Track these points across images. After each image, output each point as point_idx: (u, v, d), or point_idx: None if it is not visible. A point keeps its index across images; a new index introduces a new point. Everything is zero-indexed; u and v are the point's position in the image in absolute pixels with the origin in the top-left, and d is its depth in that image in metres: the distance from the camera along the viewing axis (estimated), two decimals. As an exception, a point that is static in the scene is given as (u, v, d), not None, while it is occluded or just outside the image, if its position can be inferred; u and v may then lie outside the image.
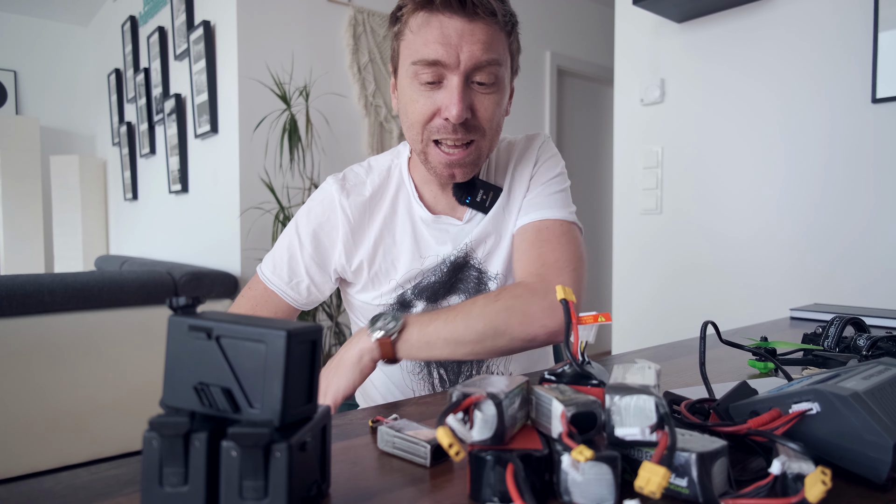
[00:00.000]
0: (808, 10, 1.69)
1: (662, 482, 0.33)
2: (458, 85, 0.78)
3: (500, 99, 0.83)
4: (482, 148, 0.84)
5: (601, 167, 4.42)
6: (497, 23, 0.79)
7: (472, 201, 0.90)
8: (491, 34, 0.79)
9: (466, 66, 0.77)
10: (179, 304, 0.39)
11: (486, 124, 0.82)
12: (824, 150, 1.67)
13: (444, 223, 0.92)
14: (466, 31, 0.77)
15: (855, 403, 0.42)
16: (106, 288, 2.28)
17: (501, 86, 0.82)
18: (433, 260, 0.91)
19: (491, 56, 0.78)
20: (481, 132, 0.82)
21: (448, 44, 0.77)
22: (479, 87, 0.80)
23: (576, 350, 0.47)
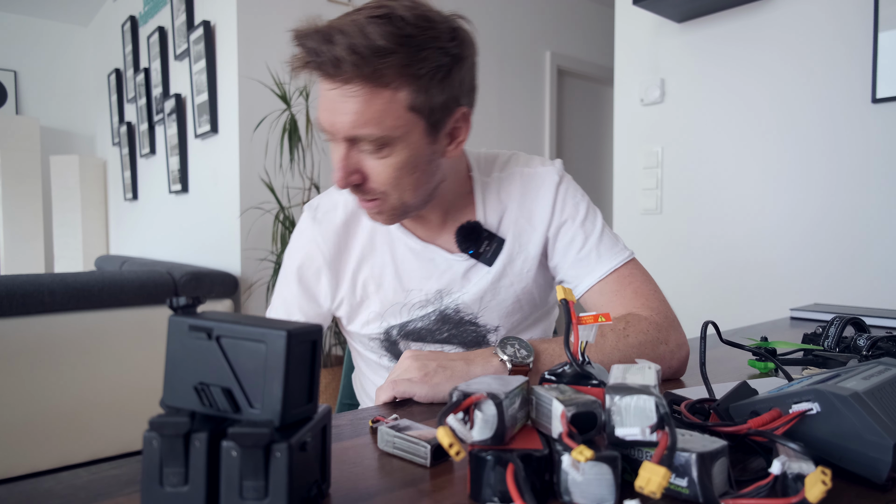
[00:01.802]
0: (808, 10, 1.69)
1: (662, 482, 0.33)
2: (340, 154, 0.72)
3: (397, 163, 0.72)
4: (393, 203, 0.76)
5: (601, 167, 4.42)
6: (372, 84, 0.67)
7: (475, 253, 0.84)
8: (364, 101, 0.67)
9: (342, 137, 0.71)
10: (179, 304, 0.39)
11: (384, 187, 0.74)
12: (824, 150, 1.67)
13: (432, 253, 0.86)
14: (338, 100, 0.69)
15: (855, 403, 0.42)
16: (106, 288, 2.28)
17: (394, 150, 0.71)
18: (417, 296, 0.86)
19: (363, 130, 0.69)
20: (380, 192, 0.74)
21: (326, 110, 0.71)
22: (368, 154, 0.72)
23: (576, 350, 0.47)
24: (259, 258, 2.81)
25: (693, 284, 1.97)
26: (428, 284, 0.86)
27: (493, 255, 0.85)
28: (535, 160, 0.90)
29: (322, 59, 0.66)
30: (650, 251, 2.09)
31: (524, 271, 0.86)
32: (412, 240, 0.86)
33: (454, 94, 0.73)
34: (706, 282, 1.93)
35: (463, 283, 0.86)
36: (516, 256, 0.86)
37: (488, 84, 3.65)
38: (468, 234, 0.84)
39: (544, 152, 3.96)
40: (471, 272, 0.86)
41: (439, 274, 0.86)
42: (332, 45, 0.65)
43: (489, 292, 0.86)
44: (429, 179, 0.77)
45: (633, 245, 2.15)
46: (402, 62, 0.67)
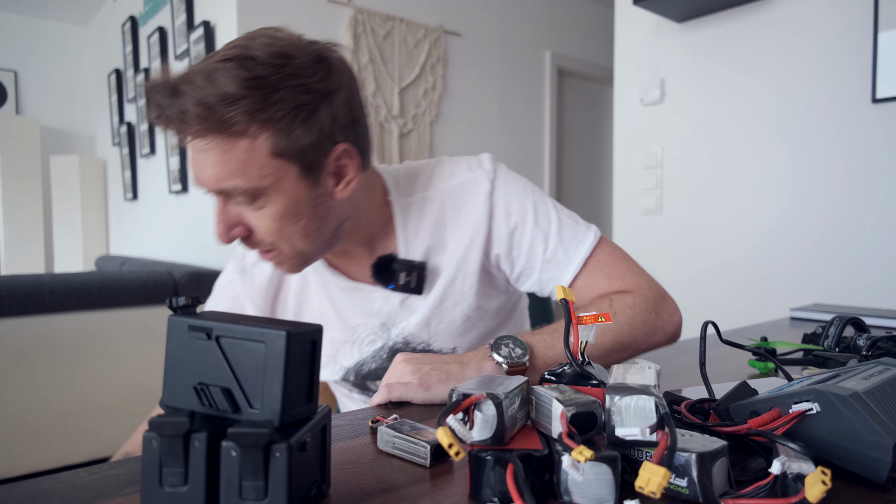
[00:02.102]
0: (809, 11, 1.69)
1: (662, 482, 0.33)
2: (218, 208, 0.68)
3: (275, 213, 0.67)
4: (287, 253, 0.72)
5: (601, 167, 4.42)
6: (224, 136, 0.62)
7: (396, 287, 0.80)
8: (221, 154, 0.63)
9: (214, 193, 0.67)
10: (179, 304, 0.39)
11: (270, 238, 0.69)
12: (824, 150, 1.67)
13: (364, 291, 0.83)
14: (199, 156, 0.65)
15: (855, 403, 0.42)
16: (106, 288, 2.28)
17: (268, 201, 0.66)
18: (364, 330, 0.84)
19: (227, 184, 0.65)
20: (269, 243, 0.71)
21: (192, 164, 0.67)
22: (244, 206, 0.68)
23: (576, 350, 0.47)
24: (259, 258, 2.81)
25: (693, 284, 1.97)
26: (370, 320, 0.84)
27: (419, 282, 0.80)
28: (460, 167, 0.83)
29: (169, 114, 0.62)
30: (650, 251, 2.09)
31: (466, 289, 0.82)
32: (342, 280, 0.83)
33: (326, 132, 0.67)
34: (706, 282, 1.93)
35: (405, 314, 0.83)
36: (456, 276, 0.81)
37: (488, 84, 3.65)
38: (381, 270, 0.80)
39: (544, 152, 3.96)
40: (408, 301, 0.82)
41: (377, 309, 0.83)
42: (178, 97, 0.61)
43: (434, 317, 0.82)
44: (320, 224, 0.72)
45: (632, 245, 2.16)
46: (253, 107, 0.62)
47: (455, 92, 3.51)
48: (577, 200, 4.20)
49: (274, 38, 0.65)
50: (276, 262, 0.74)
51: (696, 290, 1.96)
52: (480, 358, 0.69)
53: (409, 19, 3.27)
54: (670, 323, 0.78)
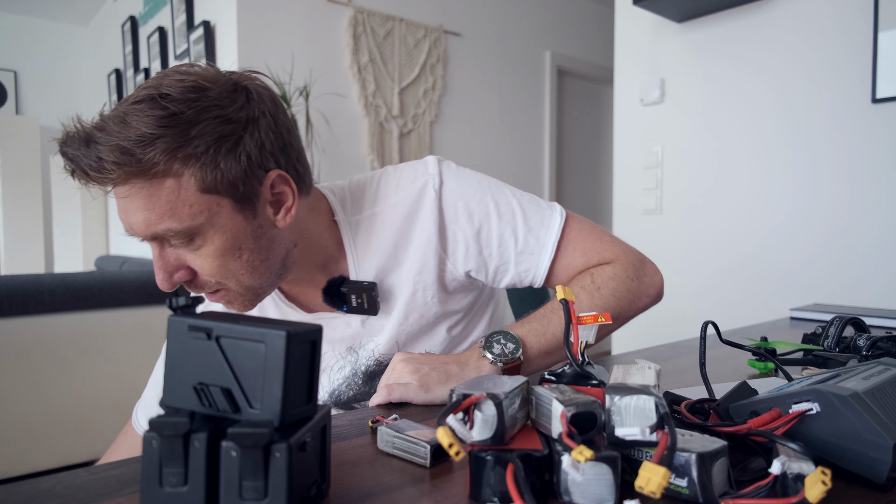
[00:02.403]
0: (808, 11, 1.69)
1: (662, 482, 0.33)
2: (154, 253, 0.65)
3: (214, 251, 0.65)
4: (236, 291, 0.69)
5: (601, 167, 4.42)
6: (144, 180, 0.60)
7: (349, 309, 0.78)
8: (145, 198, 0.61)
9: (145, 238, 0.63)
10: (179, 305, 0.39)
11: (215, 277, 0.67)
12: (824, 151, 1.67)
13: (323, 319, 0.81)
14: (124, 202, 0.62)
15: (855, 403, 0.42)
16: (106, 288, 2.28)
17: (206, 239, 0.64)
18: (331, 358, 0.82)
19: (159, 228, 0.62)
20: (215, 283, 0.68)
21: (120, 214, 0.64)
22: (181, 247, 0.65)
23: (576, 350, 0.47)
24: (259, 258, 2.81)
25: (693, 284, 1.97)
26: (335, 347, 0.82)
27: (371, 303, 0.77)
28: (404, 177, 0.80)
29: (84, 166, 0.59)
30: (650, 251, 2.09)
31: (428, 299, 0.79)
32: (299, 312, 0.81)
33: (255, 160, 0.65)
34: (706, 282, 1.93)
35: (370, 333, 0.81)
36: (415, 290, 0.79)
37: (488, 84, 3.65)
38: (332, 293, 0.77)
39: (544, 152, 3.96)
40: (370, 322, 0.81)
41: (339, 335, 0.81)
42: (92, 146, 0.59)
43: (402, 334, 0.81)
44: (266, 256, 0.69)
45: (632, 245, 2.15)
46: (172, 144, 0.59)
47: (455, 92, 3.51)
48: (577, 200, 4.20)
49: (186, 74, 0.63)
50: (225, 301, 0.70)
51: (696, 289, 1.96)
52: (478, 357, 0.69)
53: (409, 19, 3.27)
54: (652, 285, 0.79)
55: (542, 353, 0.71)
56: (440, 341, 0.84)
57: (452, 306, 0.83)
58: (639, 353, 0.95)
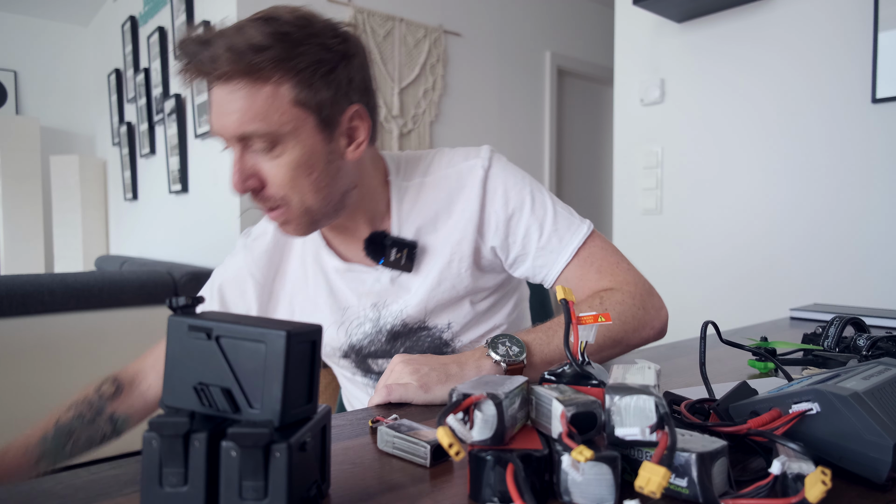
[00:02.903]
0: (808, 11, 1.69)
1: (662, 482, 0.33)
2: (235, 157, 0.71)
3: (291, 162, 0.71)
4: (296, 210, 0.74)
5: (601, 167, 4.42)
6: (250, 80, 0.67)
7: (385, 262, 0.82)
8: (246, 98, 0.68)
9: (232, 140, 0.70)
10: (179, 304, 0.39)
11: (281, 191, 0.72)
12: (824, 150, 1.67)
13: (356, 271, 0.85)
14: (222, 100, 0.69)
15: (855, 403, 0.42)
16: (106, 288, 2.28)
17: (286, 148, 0.70)
18: (354, 313, 0.86)
19: (249, 127, 0.68)
20: (281, 198, 0.73)
21: (214, 113, 0.71)
22: (261, 155, 0.71)
23: (576, 350, 0.47)
24: (259, 258, 2.81)
25: (693, 284, 1.97)
26: (361, 301, 0.86)
27: (409, 260, 0.82)
28: (458, 156, 0.86)
29: (200, 59, 0.67)
30: (650, 251, 2.09)
31: (462, 271, 0.83)
32: (336, 260, 0.86)
33: (343, 90, 0.72)
34: (706, 282, 1.93)
35: (397, 293, 0.84)
36: (451, 258, 0.83)
37: (488, 84, 3.66)
38: (372, 244, 0.82)
39: (544, 152, 3.96)
40: (400, 280, 0.84)
41: (367, 289, 0.85)
42: (209, 46, 0.66)
43: (431, 299, 0.84)
44: (330, 182, 0.75)
45: (632, 245, 2.16)
46: (279, 56, 0.67)
47: (455, 92, 3.51)
48: (577, 200, 4.20)
49: (298, 9, 0.71)
50: (283, 220, 0.75)
51: (696, 290, 1.96)
52: (478, 357, 0.69)
53: (409, 19, 3.27)
54: (658, 318, 0.80)
55: (544, 361, 0.72)
56: (464, 315, 0.87)
57: (483, 283, 0.87)
58: (639, 353, 0.95)
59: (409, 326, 0.86)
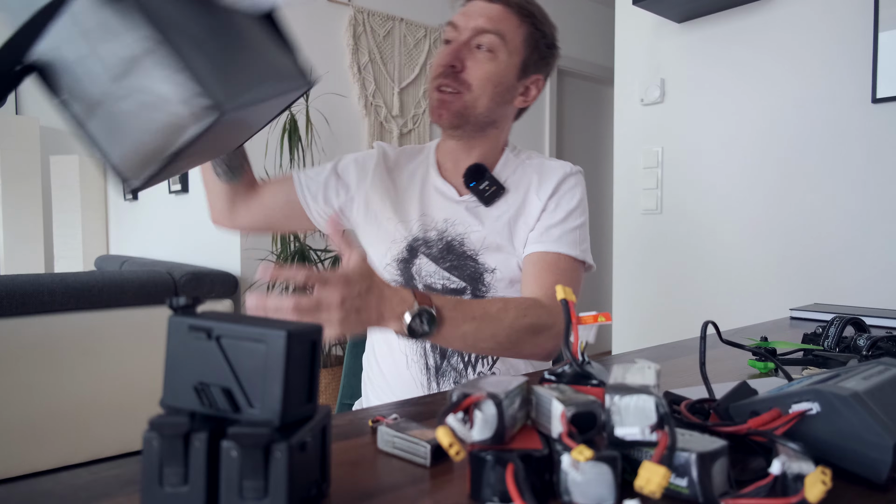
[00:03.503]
0: (809, 11, 1.69)
1: (662, 482, 0.33)
2: (459, 41, 0.95)
3: (495, 68, 0.94)
4: (467, 102, 0.94)
5: (601, 167, 4.42)
6: (513, 10, 0.96)
7: (475, 187, 0.99)
8: (501, 14, 0.95)
9: (471, 29, 0.94)
10: (179, 304, 0.39)
11: (473, 80, 0.94)
12: (824, 150, 1.67)
13: (445, 189, 1.02)
14: (484, 7, 0.96)
15: (855, 403, 0.42)
16: (106, 288, 2.28)
17: (498, 56, 0.95)
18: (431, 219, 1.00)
19: (490, 26, 0.94)
20: (467, 86, 0.94)
21: (466, 13, 0.96)
22: (478, 50, 0.94)
23: (576, 350, 0.47)
24: (259, 258, 2.81)
25: (693, 284, 1.97)
26: (438, 213, 1.01)
27: (491, 197, 0.99)
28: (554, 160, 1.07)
29: None
30: (650, 251, 2.09)
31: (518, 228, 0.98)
32: (438, 179, 1.04)
33: (542, 61, 1.01)
34: (706, 282, 1.93)
35: (468, 219, 0.99)
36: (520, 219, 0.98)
37: (488, 84, 3.65)
38: (474, 171, 1.00)
39: (544, 152, 3.95)
40: (475, 210, 1.00)
41: (448, 206, 1.01)
42: None
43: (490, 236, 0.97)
44: (498, 103, 0.97)
45: (633, 245, 2.16)
46: (534, 14, 0.98)
47: (455, 92, 3.51)
48: (577, 200, 4.19)
49: None
50: (449, 100, 0.95)
51: (696, 289, 1.96)
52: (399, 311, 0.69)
53: (409, 19, 3.27)
54: (544, 348, 0.87)
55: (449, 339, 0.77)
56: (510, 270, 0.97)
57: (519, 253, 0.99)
58: (639, 353, 0.95)
59: (463, 250, 0.98)
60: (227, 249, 2.90)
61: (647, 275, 2.10)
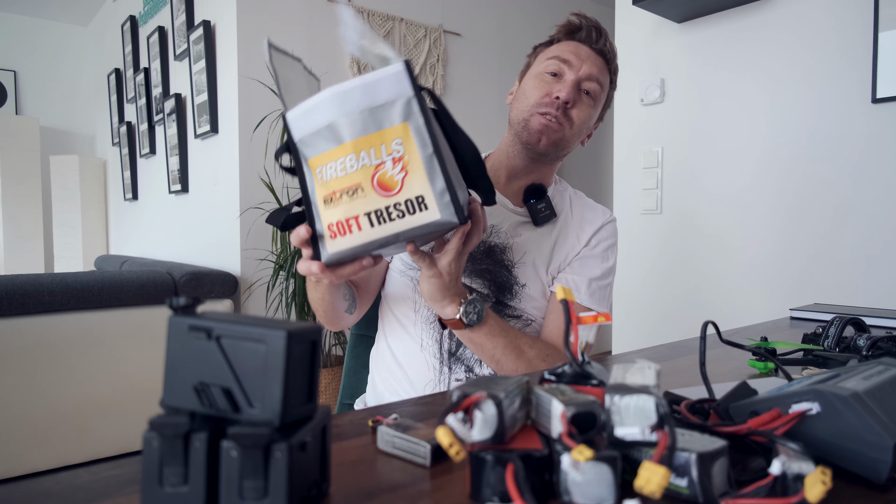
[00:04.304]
0: (809, 11, 1.69)
1: (662, 482, 0.33)
2: (572, 80, 1.01)
3: (591, 112, 1.04)
4: (567, 137, 1.02)
5: (601, 167, 4.42)
6: (609, 63, 1.06)
7: (533, 204, 1.04)
8: (602, 68, 1.04)
9: (584, 73, 1.01)
10: (179, 304, 0.39)
11: (577, 121, 1.02)
12: (824, 151, 1.67)
13: (500, 199, 1.05)
14: (592, 55, 1.03)
15: (855, 403, 0.42)
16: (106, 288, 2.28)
17: (596, 103, 1.04)
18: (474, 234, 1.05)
19: (598, 76, 1.03)
20: (570, 124, 1.01)
21: (577, 55, 1.02)
22: (583, 95, 1.02)
23: (576, 350, 0.47)
24: (259, 258, 2.81)
25: (693, 284, 1.97)
26: (489, 218, 1.03)
27: (543, 220, 1.04)
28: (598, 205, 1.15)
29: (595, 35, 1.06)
30: (650, 251, 2.09)
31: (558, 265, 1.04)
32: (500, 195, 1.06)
33: (606, 106, 1.10)
34: (706, 282, 1.93)
35: (512, 232, 1.03)
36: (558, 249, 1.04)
37: (488, 83, 3.65)
38: (535, 189, 1.05)
39: (544, 152, 3.96)
40: (522, 226, 1.05)
41: (496, 214, 1.04)
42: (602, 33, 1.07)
43: (529, 254, 1.02)
44: (576, 141, 1.06)
45: (632, 245, 2.16)
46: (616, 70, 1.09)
47: (455, 92, 3.51)
48: (577, 200, 4.20)
49: None
50: (555, 129, 1.01)
51: (696, 289, 1.96)
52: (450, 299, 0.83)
53: (409, 19, 3.27)
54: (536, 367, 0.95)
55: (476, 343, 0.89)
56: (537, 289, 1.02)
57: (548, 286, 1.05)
58: (639, 353, 0.95)
59: (502, 258, 1.02)
60: (227, 249, 2.90)
61: (646, 275, 2.10)
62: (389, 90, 0.64)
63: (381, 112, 0.64)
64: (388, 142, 0.64)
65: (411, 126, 0.64)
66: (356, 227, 0.66)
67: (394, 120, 0.64)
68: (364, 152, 0.64)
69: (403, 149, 0.64)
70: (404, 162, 0.64)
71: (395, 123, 0.64)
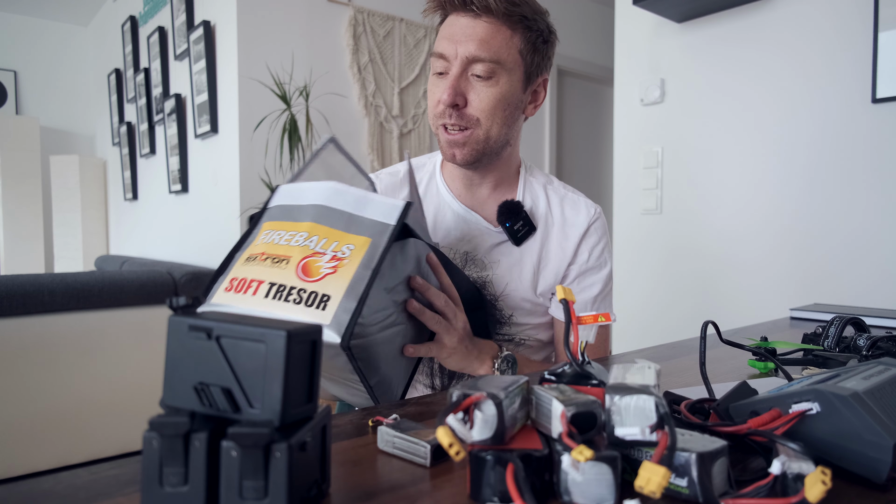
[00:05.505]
0: (809, 11, 1.69)
1: (662, 482, 0.33)
2: (453, 74, 0.85)
3: (499, 93, 0.86)
4: (478, 136, 0.88)
5: (601, 167, 4.42)
6: (501, 21, 0.84)
7: (509, 228, 0.94)
8: (489, 31, 0.84)
9: (462, 59, 0.84)
10: (179, 304, 0.39)
11: (480, 114, 0.86)
12: (824, 151, 1.67)
13: (471, 218, 0.96)
14: (468, 28, 0.84)
15: (855, 403, 0.42)
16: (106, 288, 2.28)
17: (499, 80, 0.86)
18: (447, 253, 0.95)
19: (482, 53, 0.84)
20: (474, 121, 0.87)
21: (451, 39, 0.85)
22: (476, 80, 0.86)
23: (576, 350, 0.47)
24: (259, 258, 2.80)
25: (693, 284, 1.97)
26: (458, 244, 0.96)
27: (522, 238, 0.94)
28: (572, 190, 1.03)
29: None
30: (650, 251, 2.09)
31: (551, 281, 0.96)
32: (457, 203, 0.97)
33: (544, 60, 0.92)
34: (706, 282, 1.93)
35: (492, 252, 0.95)
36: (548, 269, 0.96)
37: (488, 84, 3.65)
38: (510, 209, 0.94)
39: (544, 152, 3.95)
40: (500, 247, 0.95)
41: (470, 237, 0.96)
42: None
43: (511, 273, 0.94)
44: (511, 124, 0.90)
45: (632, 245, 2.16)
46: (525, 14, 0.86)
47: (455, 92, 3.50)
48: (577, 200, 4.19)
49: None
50: (463, 141, 0.88)
51: (695, 289, 1.96)
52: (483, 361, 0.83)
53: (409, 19, 3.27)
54: None
55: None
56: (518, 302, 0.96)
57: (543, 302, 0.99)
58: (639, 353, 0.95)
59: (486, 291, 0.95)
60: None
61: (646, 275, 2.10)
62: (379, 212, 0.66)
63: (358, 221, 0.65)
64: (342, 242, 0.64)
65: (371, 243, 0.64)
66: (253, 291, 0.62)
67: (362, 231, 0.65)
68: (317, 237, 0.64)
69: (349, 255, 0.63)
70: (340, 263, 0.62)
71: (361, 234, 0.64)
